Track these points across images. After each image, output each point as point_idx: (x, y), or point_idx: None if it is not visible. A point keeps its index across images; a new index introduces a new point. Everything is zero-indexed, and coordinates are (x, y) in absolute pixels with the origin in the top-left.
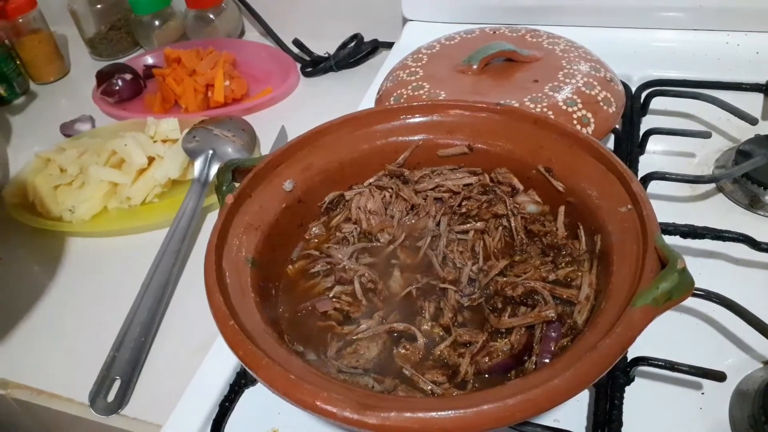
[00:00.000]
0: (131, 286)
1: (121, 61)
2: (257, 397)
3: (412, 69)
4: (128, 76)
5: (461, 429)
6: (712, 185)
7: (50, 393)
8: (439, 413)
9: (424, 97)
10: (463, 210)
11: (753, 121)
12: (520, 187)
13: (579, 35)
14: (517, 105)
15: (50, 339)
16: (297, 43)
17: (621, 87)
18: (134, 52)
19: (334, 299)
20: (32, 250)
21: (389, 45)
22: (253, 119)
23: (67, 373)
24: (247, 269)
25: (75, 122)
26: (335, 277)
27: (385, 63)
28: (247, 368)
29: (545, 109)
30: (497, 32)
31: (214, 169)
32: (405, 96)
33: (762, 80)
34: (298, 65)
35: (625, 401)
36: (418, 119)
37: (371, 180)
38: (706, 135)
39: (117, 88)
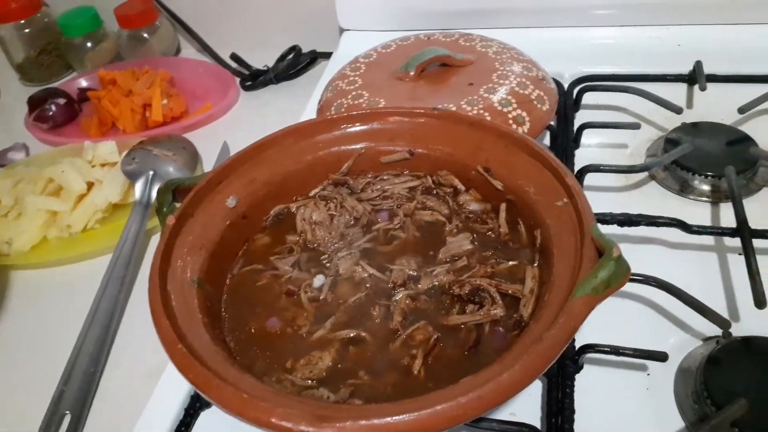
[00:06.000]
0: (77, 317)
1: (54, 85)
2: (214, 419)
3: (351, 78)
4: (62, 101)
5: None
6: (645, 174)
7: None
8: (394, 418)
9: (364, 105)
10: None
11: (678, 111)
12: (462, 187)
13: (510, 37)
14: (454, 109)
15: None
16: (234, 57)
17: (553, 85)
18: (67, 76)
19: (282, 311)
20: None
21: (328, 55)
22: (194, 137)
23: (13, 410)
24: (194, 290)
25: (8, 151)
26: (282, 290)
27: (325, 73)
28: (198, 391)
29: (482, 111)
30: (431, 38)
31: (156, 190)
32: (345, 105)
33: (685, 71)
34: (237, 80)
35: (576, 388)
36: (359, 128)
37: (316, 190)
38: (635, 126)
39: (50, 113)
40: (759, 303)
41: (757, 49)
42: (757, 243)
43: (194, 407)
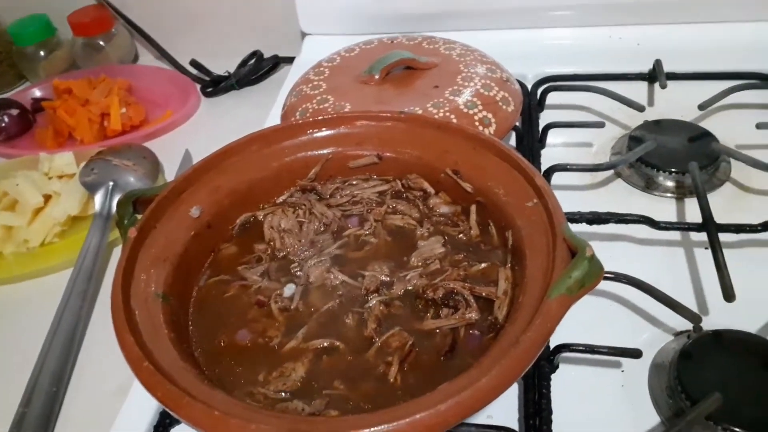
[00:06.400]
0: (37, 335)
1: (6, 96)
2: None
3: (315, 83)
4: (15, 112)
5: None
6: (611, 172)
7: None
8: (371, 429)
9: (329, 110)
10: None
11: (640, 109)
12: (432, 190)
13: (474, 39)
14: (420, 112)
15: None
16: (194, 63)
17: (518, 86)
18: (19, 86)
19: (252, 322)
20: None
21: (290, 60)
22: (155, 145)
23: None
24: (158, 305)
25: None
26: (251, 300)
27: (288, 78)
28: (168, 409)
29: (448, 114)
30: (395, 41)
31: (116, 201)
32: (310, 110)
33: (645, 69)
34: (198, 86)
35: (552, 388)
36: (325, 133)
37: (283, 197)
38: (599, 125)
39: (3, 125)
40: (727, 296)
41: (715, 47)
42: (723, 237)
43: (164, 424)
